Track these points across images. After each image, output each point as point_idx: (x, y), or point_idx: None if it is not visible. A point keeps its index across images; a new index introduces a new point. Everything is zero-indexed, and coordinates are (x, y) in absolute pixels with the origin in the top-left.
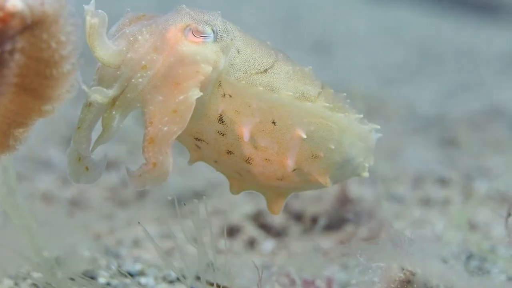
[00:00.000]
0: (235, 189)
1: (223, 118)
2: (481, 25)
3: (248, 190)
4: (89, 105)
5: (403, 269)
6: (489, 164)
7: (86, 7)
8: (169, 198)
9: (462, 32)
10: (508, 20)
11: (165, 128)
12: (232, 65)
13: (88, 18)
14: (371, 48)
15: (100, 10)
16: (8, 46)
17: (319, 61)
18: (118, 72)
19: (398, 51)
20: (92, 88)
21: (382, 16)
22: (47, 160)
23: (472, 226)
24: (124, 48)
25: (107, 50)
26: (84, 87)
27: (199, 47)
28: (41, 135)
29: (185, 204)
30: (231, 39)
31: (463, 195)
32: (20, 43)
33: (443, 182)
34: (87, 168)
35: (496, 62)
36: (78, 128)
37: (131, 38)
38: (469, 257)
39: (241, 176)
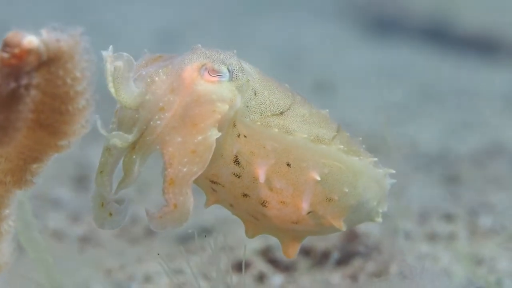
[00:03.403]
0: (251, 232)
1: (238, 159)
2: (481, 65)
3: (263, 234)
4: (109, 148)
5: None
6: (493, 200)
7: (104, 53)
8: (190, 231)
9: (462, 72)
10: (507, 61)
11: (185, 169)
12: (247, 106)
13: (108, 64)
14: (372, 87)
15: (125, 53)
16: (24, 81)
17: (320, 100)
18: (136, 115)
19: (399, 90)
20: (112, 133)
21: (382, 56)
22: (55, 199)
23: (478, 261)
24: (143, 90)
25: (131, 94)
26: (103, 131)
27: (215, 86)
28: (47, 174)
29: (205, 236)
30: (247, 79)
31: (468, 230)
32: (36, 79)
33: (448, 217)
34: (110, 214)
35: (497, 101)
36: (101, 172)
37: (148, 80)
38: None
39: (257, 220)
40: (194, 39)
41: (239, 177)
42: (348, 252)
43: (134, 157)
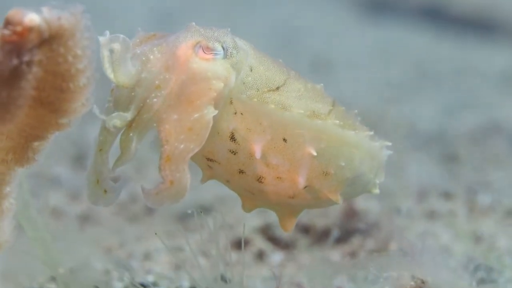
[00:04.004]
0: (248, 207)
1: (235, 136)
2: (478, 44)
3: (260, 207)
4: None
5: (414, 277)
6: (491, 178)
7: (101, 38)
8: (189, 211)
9: (459, 51)
10: (505, 39)
11: (182, 146)
12: (244, 83)
13: (104, 50)
14: (369, 67)
15: (121, 35)
16: (26, 58)
17: (317, 80)
18: (132, 93)
19: (396, 70)
20: (112, 115)
21: (379, 36)
22: (54, 178)
23: (477, 238)
24: (138, 69)
25: (129, 74)
26: (102, 116)
27: (210, 64)
28: (46, 153)
29: (201, 212)
30: (243, 56)
31: (467, 208)
32: (38, 56)
33: (447, 195)
34: (105, 191)
35: (494, 80)
36: (100, 150)
37: (143, 58)
38: (476, 267)
39: (253, 195)
40: (189, 20)
41: (235, 154)
42: (348, 230)
43: (131, 135)
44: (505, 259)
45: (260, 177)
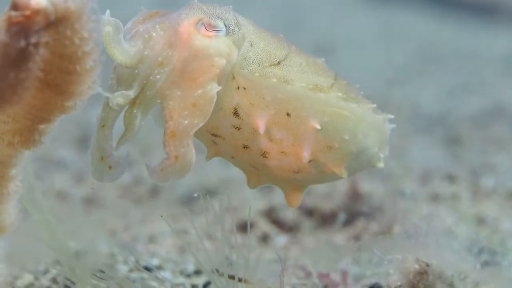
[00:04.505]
0: (253, 183)
1: (238, 111)
2: (481, 27)
3: (265, 184)
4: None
5: (418, 260)
6: (494, 161)
7: (103, 17)
8: (195, 195)
9: (463, 34)
10: (507, 22)
11: (186, 122)
12: (245, 58)
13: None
14: (372, 50)
15: (112, 18)
16: (33, 39)
17: None
18: (136, 71)
19: (400, 53)
20: (115, 94)
21: (383, 19)
22: (59, 160)
23: (481, 221)
24: (140, 47)
25: (127, 54)
26: (106, 94)
27: (212, 41)
28: (50, 136)
29: (206, 194)
30: (243, 33)
31: (471, 191)
32: (45, 38)
33: (450, 178)
34: (110, 167)
35: (497, 63)
36: (103, 126)
37: (146, 36)
38: (480, 250)
39: (258, 171)
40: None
41: (239, 129)
42: (352, 213)
43: (135, 111)
44: (508, 242)
45: (264, 152)
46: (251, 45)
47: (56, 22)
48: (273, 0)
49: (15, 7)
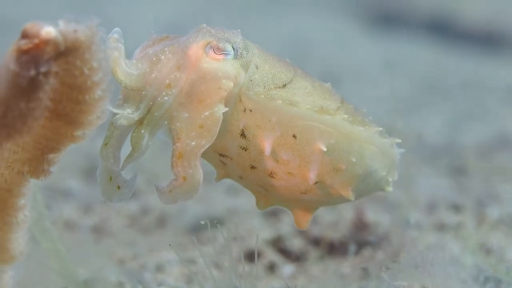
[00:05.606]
0: (262, 204)
1: (245, 132)
2: (484, 58)
3: (274, 205)
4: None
5: None
6: (499, 190)
7: (110, 35)
8: (202, 222)
9: (466, 65)
10: (511, 54)
11: (193, 143)
12: (251, 80)
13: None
14: (377, 80)
15: (114, 45)
16: (43, 69)
17: None
18: (143, 92)
19: (404, 83)
20: (117, 116)
21: (386, 50)
22: (66, 190)
23: (487, 250)
24: (147, 69)
25: (130, 77)
26: (110, 107)
27: (220, 64)
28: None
29: (217, 223)
30: (251, 56)
31: (476, 220)
32: (54, 68)
33: (456, 208)
34: (118, 187)
35: (501, 93)
36: (105, 144)
37: (154, 59)
38: (486, 279)
39: (266, 191)
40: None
41: (246, 150)
42: (358, 242)
43: (142, 131)
44: None
45: (271, 173)
46: (257, 68)
47: (66, 52)
48: (278, 32)
49: (25, 36)
